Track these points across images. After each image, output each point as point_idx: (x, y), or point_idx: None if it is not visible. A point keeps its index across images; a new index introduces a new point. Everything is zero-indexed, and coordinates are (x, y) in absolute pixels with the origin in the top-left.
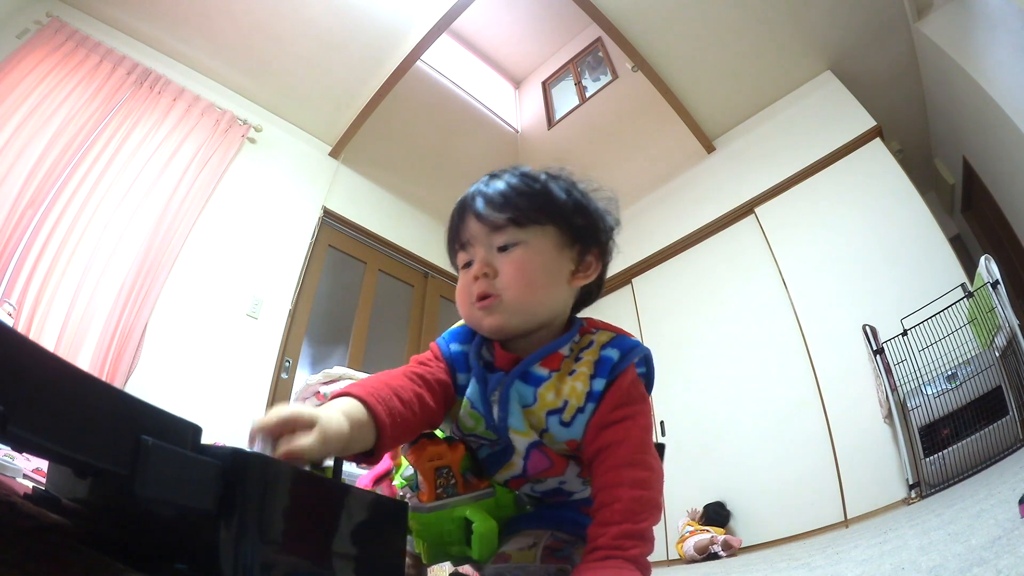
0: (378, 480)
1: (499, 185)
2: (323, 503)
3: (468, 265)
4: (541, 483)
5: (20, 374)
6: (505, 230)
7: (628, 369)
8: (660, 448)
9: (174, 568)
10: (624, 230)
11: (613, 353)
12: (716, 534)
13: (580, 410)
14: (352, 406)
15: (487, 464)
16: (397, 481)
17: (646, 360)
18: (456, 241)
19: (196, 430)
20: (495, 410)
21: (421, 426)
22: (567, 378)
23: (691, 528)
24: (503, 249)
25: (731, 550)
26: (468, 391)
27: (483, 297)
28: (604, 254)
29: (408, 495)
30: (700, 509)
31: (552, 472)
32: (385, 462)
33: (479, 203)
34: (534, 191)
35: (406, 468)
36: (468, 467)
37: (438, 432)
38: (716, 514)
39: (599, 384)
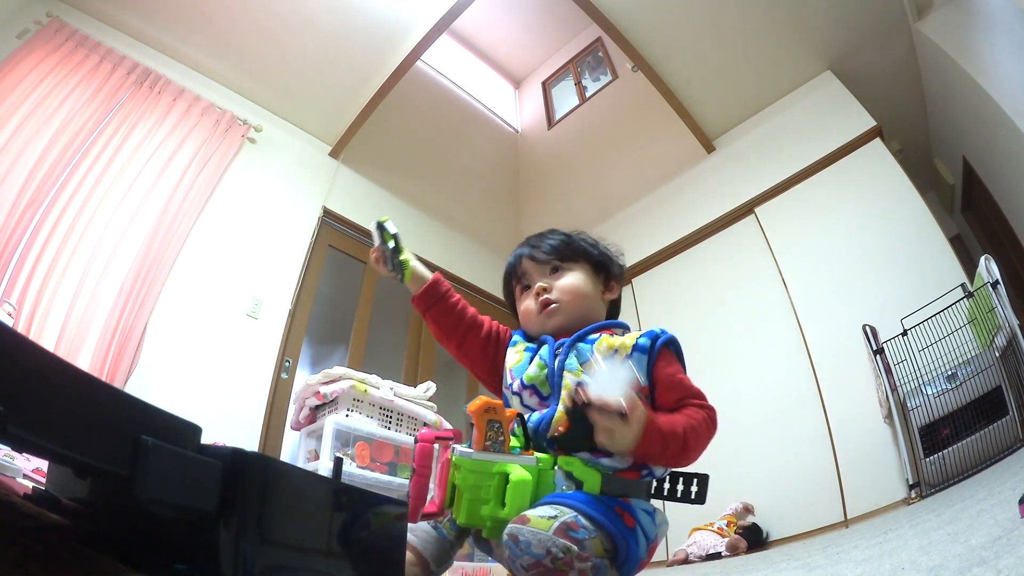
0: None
1: (543, 240)
2: (324, 503)
3: (526, 289)
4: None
5: (20, 374)
6: (553, 263)
7: (662, 350)
8: (704, 479)
9: (174, 568)
10: (624, 230)
11: (644, 340)
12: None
13: (628, 356)
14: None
15: (537, 429)
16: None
17: (670, 341)
18: (514, 278)
19: (196, 430)
20: (558, 360)
21: (462, 315)
22: (618, 337)
23: (724, 523)
24: (554, 272)
25: (735, 552)
26: (540, 351)
27: (546, 305)
28: (619, 283)
29: (455, 445)
30: (742, 507)
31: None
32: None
33: (533, 252)
34: (569, 242)
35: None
36: (520, 444)
37: None
38: (749, 534)
39: (643, 341)
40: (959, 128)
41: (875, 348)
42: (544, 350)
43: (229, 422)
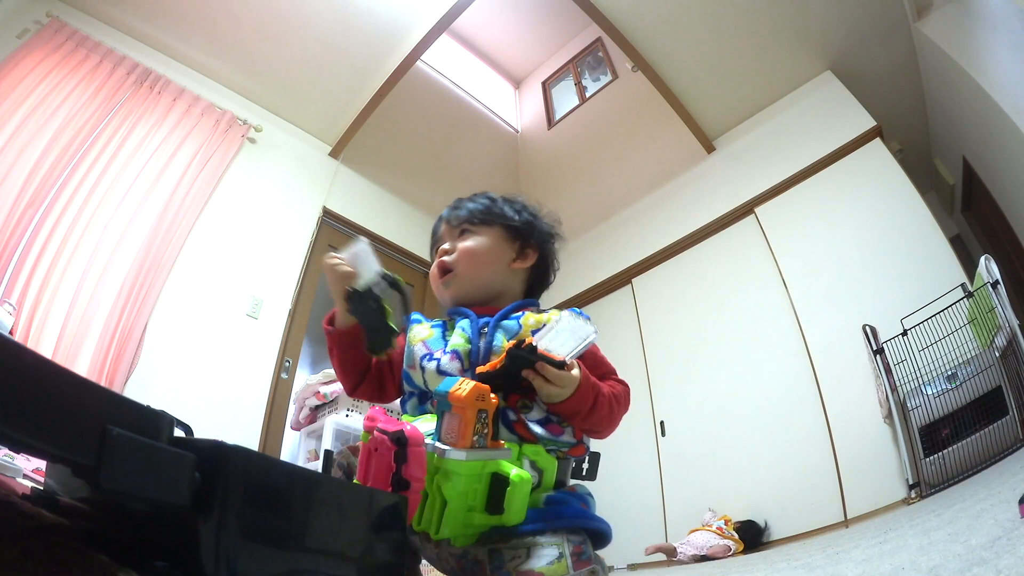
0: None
1: (463, 203)
2: (312, 498)
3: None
4: (529, 411)
5: None
6: (463, 227)
7: None
8: (596, 457)
9: (153, 565)
10: (624, 230)
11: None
12: (733, 544)
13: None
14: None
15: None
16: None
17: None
18: (434, 240)
19: (170, 421)
20: (483, 339)
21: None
22: (542, 315)
23: (721, 523)
24: (461, 235)
25: (717, 555)
26: (460, 323)
27: (444, 272)
28: (542, 250)
29: (434, 444)
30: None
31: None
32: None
33: (449, 213)
34: (487, 205)
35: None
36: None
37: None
38: (746, 530)
39: None
40: (959, 128)
41: (875, 348)
42: (465, 324)
43: (229, 422)
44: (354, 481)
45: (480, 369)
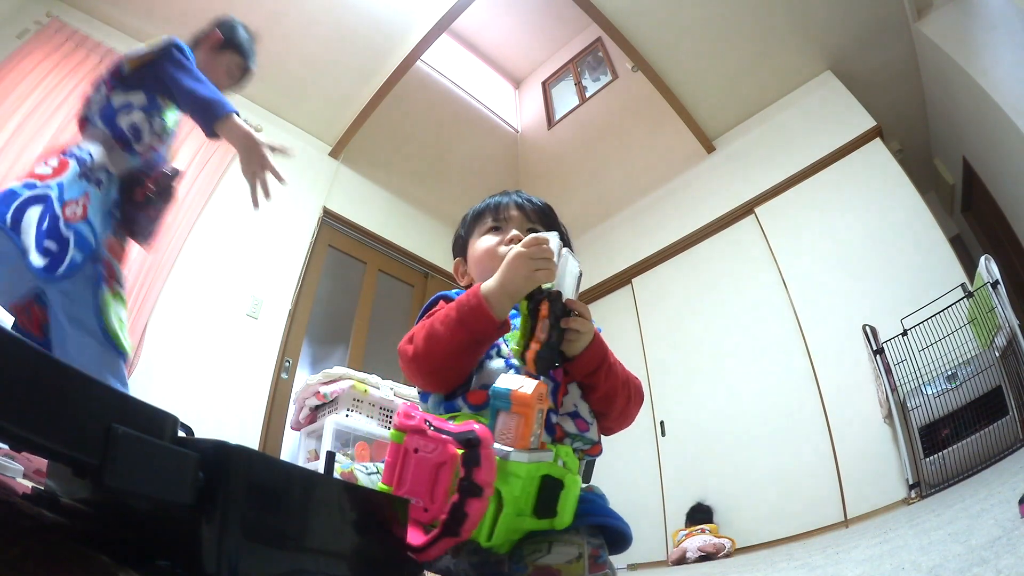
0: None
1: (532, 199)
2: (314, 499)
3: (495, 230)
4: (561, 405)
5: None
6: (538, 225)
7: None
8: (591, 462)
9: (155, 564)
10: (624, 230)
11: None
12: (710, 532)
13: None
14: None
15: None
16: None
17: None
18: (492, 215)
19: (174, 421)
20: None
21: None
22: None
23: (685, 532)
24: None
25: (707, 552)
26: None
27: None
28: None
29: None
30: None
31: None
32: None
33: (525, 202)
34: (551, 213)
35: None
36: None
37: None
38: (698, 512)
39: None
40: (959, 128)
41: (875, 348)
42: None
43: (229, 422)
44: (379, 486)
45: (531, 352)
